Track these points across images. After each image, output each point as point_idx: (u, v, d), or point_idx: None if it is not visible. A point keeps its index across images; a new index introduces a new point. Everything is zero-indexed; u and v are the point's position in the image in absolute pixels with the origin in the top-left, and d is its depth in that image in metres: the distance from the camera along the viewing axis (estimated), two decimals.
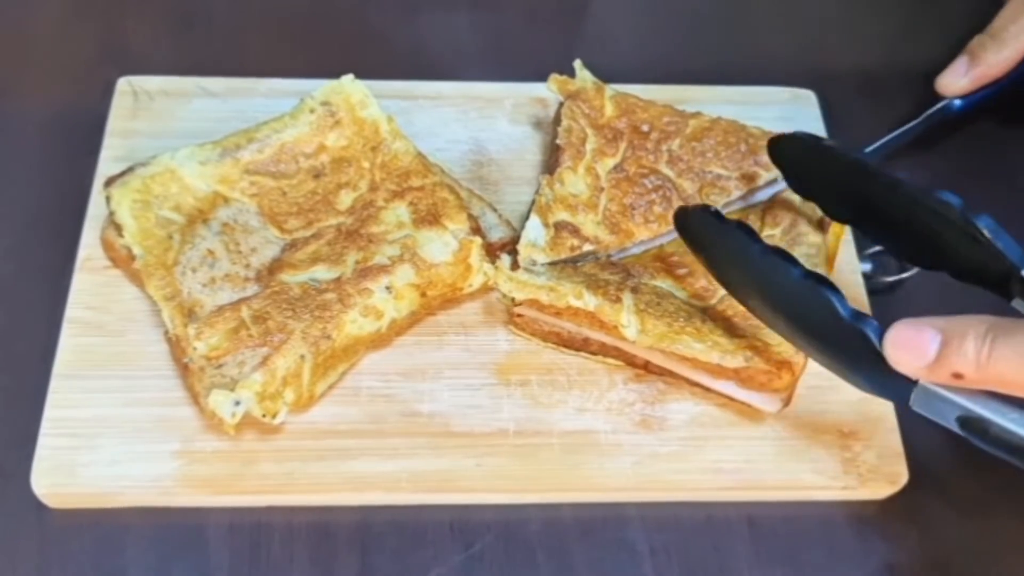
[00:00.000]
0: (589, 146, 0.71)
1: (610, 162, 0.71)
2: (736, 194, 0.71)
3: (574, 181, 0.70)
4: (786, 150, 0.66)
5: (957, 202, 0.56)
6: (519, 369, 0.67)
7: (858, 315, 0.52)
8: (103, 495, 0.61)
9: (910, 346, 0.50)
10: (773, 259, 0.55)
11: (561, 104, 0.73)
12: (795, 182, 0.67)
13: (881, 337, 0.51)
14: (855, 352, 0.53)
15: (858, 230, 0.70)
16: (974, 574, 0.64)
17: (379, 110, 0.71)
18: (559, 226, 0.67)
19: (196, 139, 0.69)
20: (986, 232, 0.54)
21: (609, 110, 0.73)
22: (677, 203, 0.70)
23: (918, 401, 0.52)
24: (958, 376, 0.49)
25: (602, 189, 0.70)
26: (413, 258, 0.65)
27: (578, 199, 0.69)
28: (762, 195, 0.72)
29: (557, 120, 0.73)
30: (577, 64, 0.74)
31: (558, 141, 0.71)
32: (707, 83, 0.82)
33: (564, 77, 0.73)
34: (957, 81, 0.80)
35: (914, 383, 0.52)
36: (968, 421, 0.51)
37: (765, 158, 0.70)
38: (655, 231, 0.70)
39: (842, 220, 0.66)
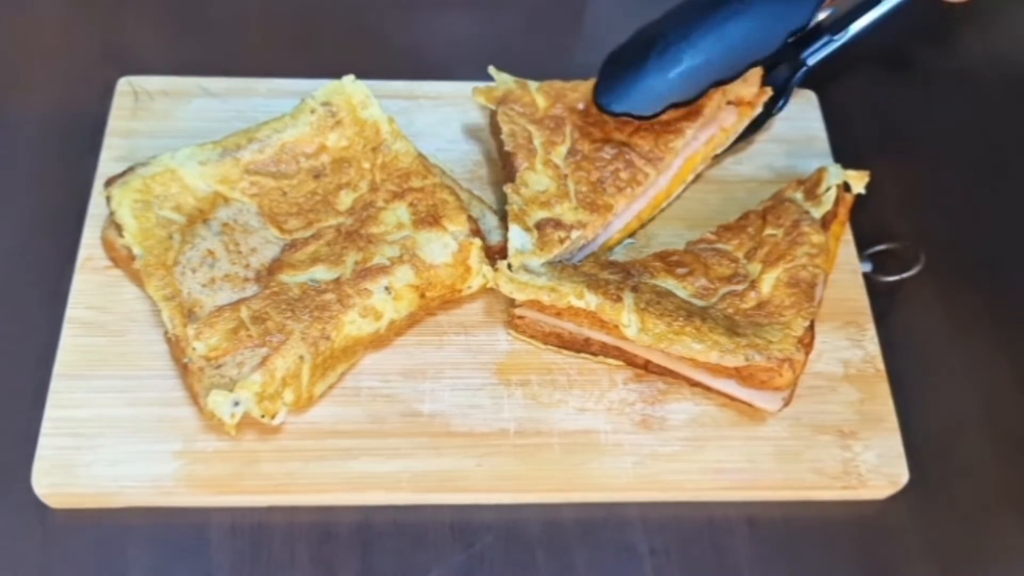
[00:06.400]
0: (537, 141, 0.71)
1: (563, 149, 0.71)
2: (690, 132, 0.71)
3: (537, 179, 0.69)
4: None
5: None
6: (520, 369, 0.67)
7: None
8: (104, 495, 0.61)
9: None
10: None
11: (493, 113, 0.73)
12: None
13: None
14: None
15: None
16: (974, 574, 0.64)
17: (380, 111, 0.70)
18: (541, 225, 0.67)
19: (196, 139, 0.69)
20: None
21: (541, 102, 0.73)
22: (640, 164, 0.70)
23: None
24: None
25: (565, 176, 0.70)
26: (412, 259, 0.65)
27: (548, 194, 0.69)
28: (725, 121, 0.73)
29: (495, 130, 0.73)
30: (492, 70, 0.74)
31: (506, 148, 0.71)
32: None
33: (486, 86, 0.73)
34: None
35: None
36: None
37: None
38: (631, 195, 0.70)
39: None
